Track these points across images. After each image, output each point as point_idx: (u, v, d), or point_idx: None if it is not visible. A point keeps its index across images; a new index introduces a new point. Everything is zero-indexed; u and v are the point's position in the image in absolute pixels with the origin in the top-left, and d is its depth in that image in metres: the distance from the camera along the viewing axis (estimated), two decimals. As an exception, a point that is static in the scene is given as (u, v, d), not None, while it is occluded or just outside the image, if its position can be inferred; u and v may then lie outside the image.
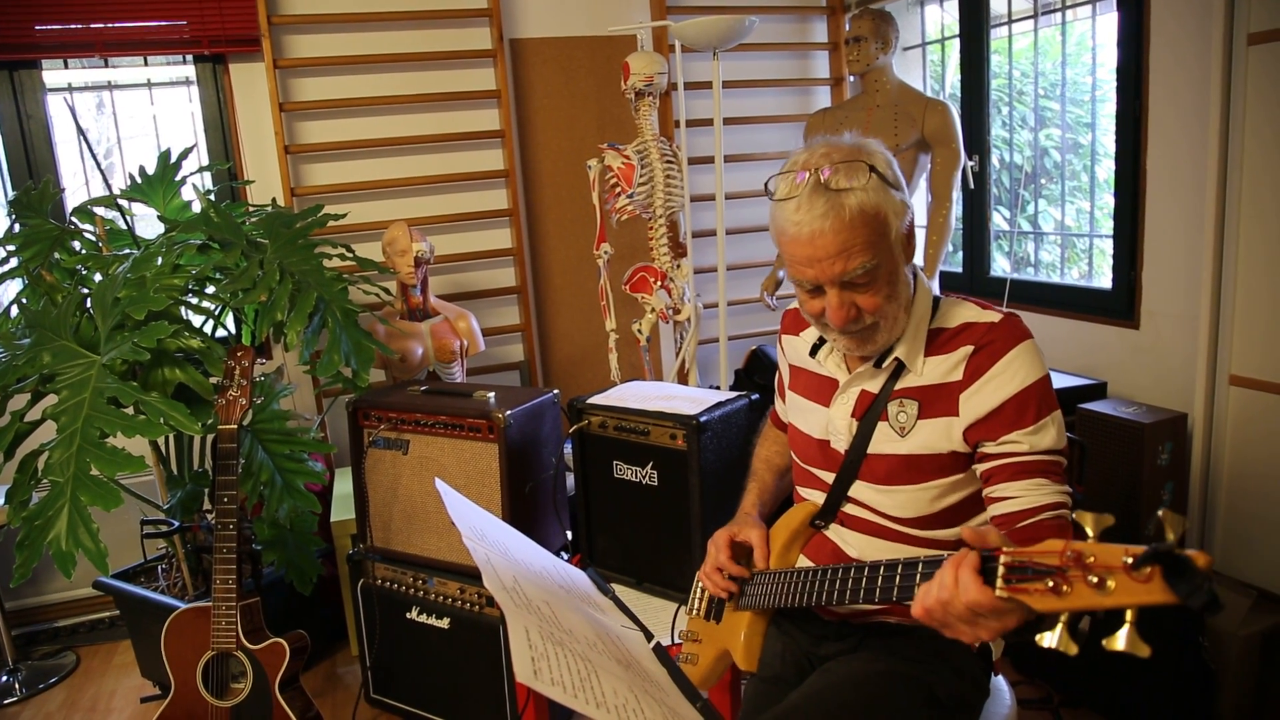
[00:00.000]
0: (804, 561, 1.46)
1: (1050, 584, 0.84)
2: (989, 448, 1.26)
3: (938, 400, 1.30)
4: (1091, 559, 0.82)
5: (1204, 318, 2.46)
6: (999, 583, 0.90)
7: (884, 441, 1.34)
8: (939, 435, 1.29)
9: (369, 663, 2.48)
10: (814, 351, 1.46)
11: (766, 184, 1.32)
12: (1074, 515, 0.86)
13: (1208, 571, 0.75)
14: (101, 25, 3.02)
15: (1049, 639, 0.85)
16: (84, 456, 2.00)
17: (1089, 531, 0.84)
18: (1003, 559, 0.90)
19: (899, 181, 1.26)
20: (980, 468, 1.28)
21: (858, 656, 1.39)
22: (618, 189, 2.93)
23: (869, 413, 1.36)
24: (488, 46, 3.41)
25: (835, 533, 1.44)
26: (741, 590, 1.49)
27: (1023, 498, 1.22)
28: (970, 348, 1.28)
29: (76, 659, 3.04)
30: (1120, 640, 0.79)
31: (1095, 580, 0.81)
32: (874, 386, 1.37)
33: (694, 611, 1.58)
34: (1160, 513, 0.77)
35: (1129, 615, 0.79)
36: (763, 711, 1.38)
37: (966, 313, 1.32)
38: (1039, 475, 1.22)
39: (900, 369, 1.34)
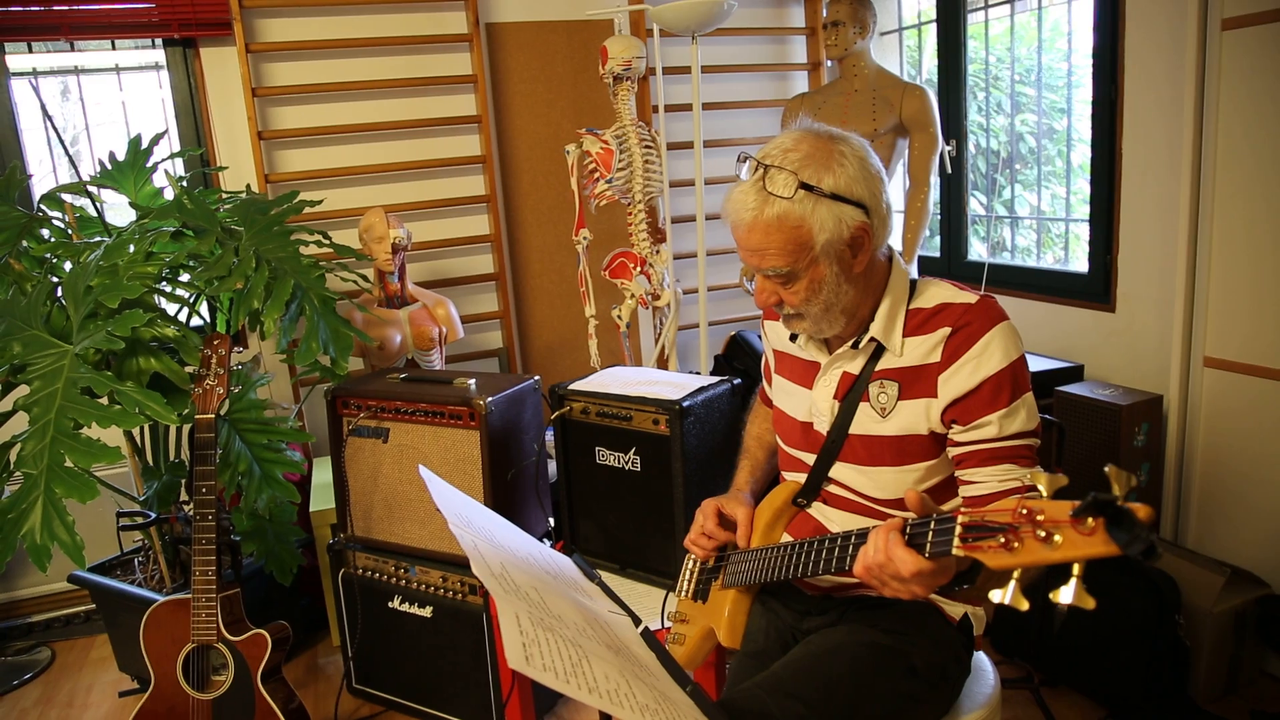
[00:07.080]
0: (788, 539, 1.47)
1: (1002, 540, 0.87)
2: (960, 434, 1.28)
3: (917, 381, 1.31)
4: (1041, 515, 0.84)
5: (1179, 300, 2.49)
6: (956, 541, 0.93)
7: (866, 422, 1.35)
8: (919, 416, 1.30)
9: (351, 653, 2.47)
10: (794, 336, 1.47)
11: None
12: (1029, 477, 0.88)
13: (1148, 522, 0.77)
14: (66, 8, 2.95)
15: (997, 595, 0.88)
16: (58, 448, 1.97)
17: (1043, 491, 0.86)
18: (960, 519, 0.94)
19: (853, 190, 1.24)
20: (952, 452, 1.30)
21: (839, 629, 1.41)
22: (596, 174, 2.91)
23: (850, 394, 1.37)
24: (464, 31, 3.37)
25: (818, 510, 1.45)
26: (725, 568, 1.50)
27: (989, 482, 1.25)
28: (948, 329, 1.29)
29: (52, 654, 2.99)
30: (1066, 594, 0.81)
31: (1043, 535, 0.83)
32: (854, 368, 1.37)
33: (683, 593, 1.59)
34: (1107, 468, 0.79)
35: (1076, 569, 0.81)
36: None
37: (943, 293, 1.33)
38: (1007, 461, 1.25)
39: (880, 350, 1.34)
